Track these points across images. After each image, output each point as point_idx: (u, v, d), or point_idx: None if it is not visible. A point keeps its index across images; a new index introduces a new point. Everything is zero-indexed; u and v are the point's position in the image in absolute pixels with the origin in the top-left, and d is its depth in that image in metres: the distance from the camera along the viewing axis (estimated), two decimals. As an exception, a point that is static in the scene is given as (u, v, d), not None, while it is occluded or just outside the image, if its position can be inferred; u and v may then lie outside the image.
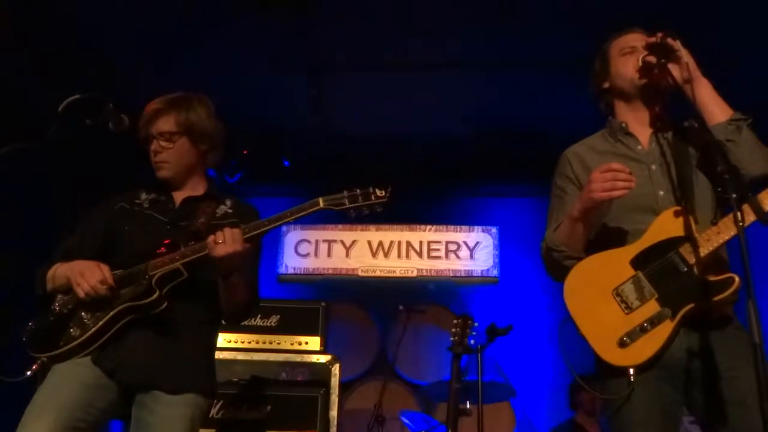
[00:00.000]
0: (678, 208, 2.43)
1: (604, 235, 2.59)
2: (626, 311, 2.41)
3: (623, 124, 2.68)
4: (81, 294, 2.55)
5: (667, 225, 2.43)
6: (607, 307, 2.43)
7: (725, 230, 2.34)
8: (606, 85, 2.75)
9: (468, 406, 4.49)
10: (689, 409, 2.46)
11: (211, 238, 2.52)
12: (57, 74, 5.10)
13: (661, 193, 2.52)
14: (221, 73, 5.37)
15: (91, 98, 2.68)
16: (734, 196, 2.10)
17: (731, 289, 2.28)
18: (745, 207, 2.21)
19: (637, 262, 2.45)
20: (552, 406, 6.14)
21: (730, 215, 2.32)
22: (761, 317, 1.98)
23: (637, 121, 2.68)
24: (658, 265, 2.41)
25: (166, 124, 2.82)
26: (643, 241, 2.46)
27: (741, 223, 2.09)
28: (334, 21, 5.01)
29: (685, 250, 2.38)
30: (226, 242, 2.50)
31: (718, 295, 2.29)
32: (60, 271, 2.69)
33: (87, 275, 2.56)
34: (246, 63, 5.47)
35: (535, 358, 6.30)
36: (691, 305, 2.33)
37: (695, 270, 2.36)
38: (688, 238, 2.38)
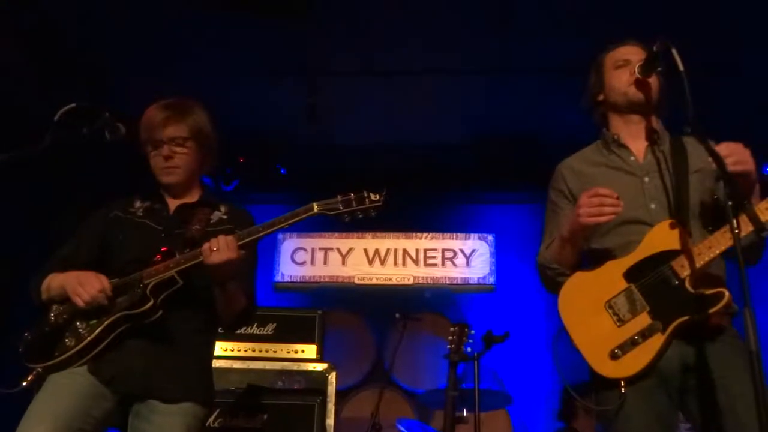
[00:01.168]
0: (672, 221, 2.45)
1: (596, 247, 2.61)
2: (618, 324, 2.43)
3: (616, 136, 2.69)
4: (81, 304, 2.54)
5: (660, 238, 2.45)
6: (599, 319, 2.45)
7: (716, 244, 2.36)
8: (600, 97, 2.77)
9: (465, 413, 4.48)
10: (684, 416, 2.47)
11: (205, 246, 2.51)
12: (54, 81, 5.10)
13: (653, 206, 2.54)
14: (217, 81, 5.38)
15: (88, 106, 2.68)
16: (729, 204, 2.11)
17: (721, 304, 2.30)
18: (743, 217, 2.22)
19: (630, 275, 2.47)
20: (549, 413, 6.12)
21: (723, 229, 2.34)
22: (759, 330, 1.99)
23: (630, 133, 2.69)
24: (650, 279, 2.43)
25: (178, 129, 2.81)
26: (637, 253, 2.48)
27: (737, 231, 2.10)
28: (331, 28, 5.02)
29: (677, 264, 2.40)
30: (220, 250, 2.49)
31: (708, 309, 2.31)
32: (55, 282, 2.68)
33: (86, 285, 2.55)
34: (242, 70, 5.47)
35: (532, 366, 6.29)
36: (682, 319, 2.35)
37: (687, 284, 2.37)
38: (681, 251, 2.40)
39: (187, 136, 2.82)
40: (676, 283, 2.39)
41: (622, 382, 2.35)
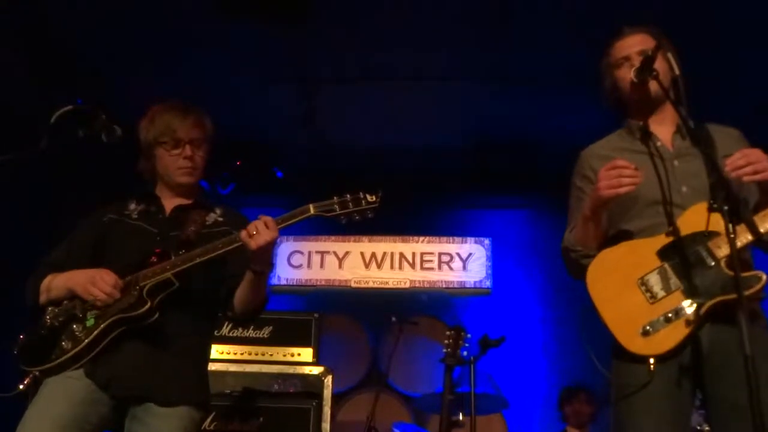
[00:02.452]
0: (707, 203, 2.38)
1: (626, 228, 2.59)
2: (651, 301, 2.40)
3: (642, 124, 2.66)
4: (97, 303, 2.55)
5: (695, 219, 2.41)
6: (631, 295, 2.43)
7: (755, 227, 2.33)
8: (615, 96, 2.75)
9: (460, 417, 4.48)
10: (701, 399, 2.46)
11: (243, 233, 2.50)
12: (52, 82, 5.10)
13: (684, 189, 2.51)
14: (214, 84, 5.38)
15: (84, 109, 2.68)
16: (726, 207, 2.12)
17: (758, 286, 2.28)
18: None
19: (664, 254, 2.44)
20: (544, 417, 6.13)
21: (762, 212, 2.35)
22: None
23: (655, 121, 2.66)
24: (685, 258, 2.40)
25: (199, 131, 2.85)
26: (671, 233, 2.44)
27: (732, 235, 2.10)
28: (329, 32, 5.02)
29: (714, 245, 2.38)
30: (260, 232, 2.48)
31: (745, 290, 2.24)
32: (58, 282, 2.68)
33: (99, 282, 2.55)
34: (239, 73, 5.48)
35: (528, 370, 6.30)
36: (717, 299, 2.32)
37: (722, 264, 2.35)
38: (718, 233, 2.36)
39: (204, 139, 2.87)
40: (712, 263, 2.36)
41: (651, 359, 2.33)
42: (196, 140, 2.83)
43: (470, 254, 6.76)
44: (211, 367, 2.91)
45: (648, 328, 2.36)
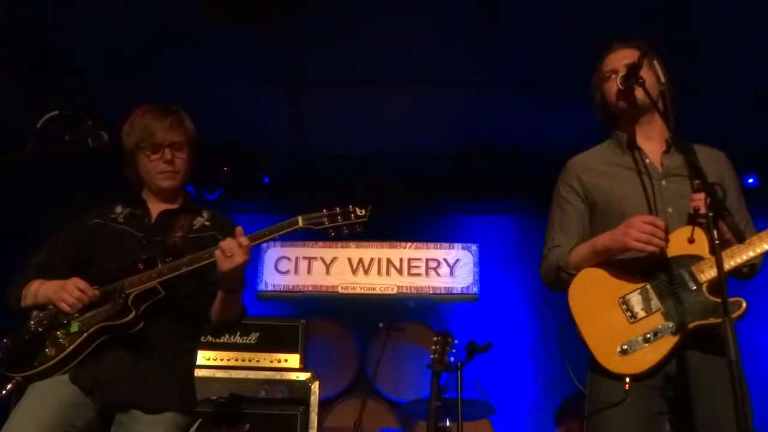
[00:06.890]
0: (695, 227, 2.42)
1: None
2: (630, 320, 2.43)
3: (630, 138, 2.67)
4: (67, 308, 2.53)
5: (681, 242, 2.44)
6: (611, 313, 2.46)
7: (738, 254, 2.38)
8: (604, 109, 2.76)
9: (447, 424, 4.48)
10: (670, 424, 2.48)
11: (218, 252, 2.48)
12: (38, 88, 5.08)
13: (670, 210, 2.53)
14: (201, 90, 5.36)
15: (70, 114, 2.67)
16: (711, 215, 2.13)
17: (737, 313, 2.29)
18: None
19: (647, 274, 2.47)
20: (531, 423, 6.14)
21: (747, 240, 2.36)
22: (760, 339, 2.01)
23: (643, 136, 2.67)
24: (667, 280, 2.43)
25: (179, 134, 2.81)
26: (656, 254, 2.45)
27: (717, 242, 2.12)
28: (316, 37, 5.03)
29: (697, 269, 2.40)
30: (234, 254, 2.47)
31: (723, 316, 2.29)
32: (34, 290, 2.67)
33: (69, 286, 2.54)
34: (226, 79, 5.47)
35: (515, 376, 6.30)
36: (696, 323, 2.35)
37: (704, 289, 2.38)
38: (702, 257, 2.40)
39: (185, 141, 2.83)
40: (694, 287, 2.39)
41: (627, 378, 2.35)
42: (176, 143, 2.80)
43: (457, 260, 6.77)
44: (198, 373, 2.89)
45: (626, 347, 2.39)
